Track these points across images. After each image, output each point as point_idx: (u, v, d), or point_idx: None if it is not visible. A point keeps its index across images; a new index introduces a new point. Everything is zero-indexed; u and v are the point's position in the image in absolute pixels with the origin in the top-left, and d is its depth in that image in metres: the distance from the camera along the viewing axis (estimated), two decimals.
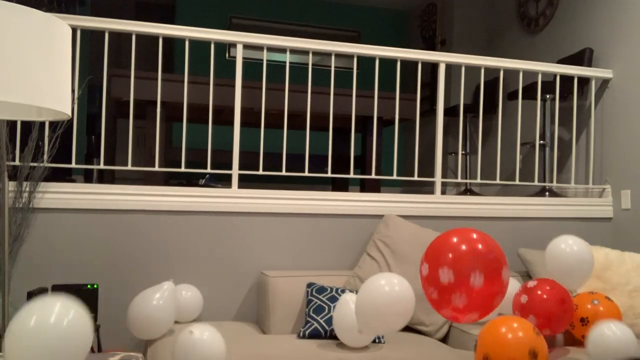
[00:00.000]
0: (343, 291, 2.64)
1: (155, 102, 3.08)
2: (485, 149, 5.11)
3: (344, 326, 2.30)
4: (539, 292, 2.29)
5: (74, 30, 4.12)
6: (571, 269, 2.38)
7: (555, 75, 3.70)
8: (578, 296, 2.52)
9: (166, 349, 2.28)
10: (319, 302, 2.58)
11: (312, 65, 6.22)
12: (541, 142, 3.95)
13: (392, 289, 2.01)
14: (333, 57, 3.26)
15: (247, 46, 3.10)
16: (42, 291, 2.47)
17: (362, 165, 3.94)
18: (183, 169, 2.99)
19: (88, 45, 5.69)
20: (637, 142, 3.42)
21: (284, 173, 3.12)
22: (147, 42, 6.23)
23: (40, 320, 1.41)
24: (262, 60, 5.95)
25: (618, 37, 3.62)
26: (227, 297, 2.88)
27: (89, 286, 2.55)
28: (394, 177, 3.27)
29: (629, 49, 3.52)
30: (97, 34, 5.95)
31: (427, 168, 5.81)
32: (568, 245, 2.40)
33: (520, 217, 3.38)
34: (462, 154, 4.97)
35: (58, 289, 2.51)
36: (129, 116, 3.01)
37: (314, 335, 2.50)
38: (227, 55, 6.09)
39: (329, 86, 3.27)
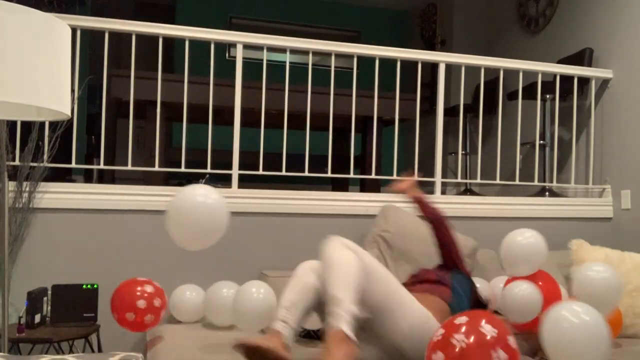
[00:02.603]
0: None
1: (155, 102, 3.08)
2: (485, 149, 5.11)
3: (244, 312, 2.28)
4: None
5: (74, 30, 4.12)
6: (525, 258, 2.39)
7: (555, 75, 3.70)
8: None
9: (165, 349, 2.28)
10: None
11: (312, 65, 6.22)
12: (541, 142, 3.95)
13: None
14: (333, 57, 3.26)
15: (247, 46, 3.10)
16: (42, 291, 2.47)
17: (362, 165, 3.94)
18: (183, 169, 3.00)
19: (88, 45, 5.69)
20: (637, 142, 3.42)
21: (284, 173, 3.12)
22: (147, 42, 6.23)
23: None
24: (262, 60, 5.95)
25: (618, 37, 3.62)
26: None
27: (88, 286, 2.55)
28: (394, 177, 3.27)
29: (629, 49, 3.52)
30: (97, 34, 5.94)
31: (427, 168, 5.81)
32: (524, 237, 2.39)
33: (520, 217, 3.38)
34: (462, 154, 4.97)
35: (58, 289, 2.51)
36: (129, 116, 3.01)
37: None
38: (227, 55, 6.09)
39: (329, 86, 3.27)
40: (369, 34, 6.58)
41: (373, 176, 3.31)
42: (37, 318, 2.43)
